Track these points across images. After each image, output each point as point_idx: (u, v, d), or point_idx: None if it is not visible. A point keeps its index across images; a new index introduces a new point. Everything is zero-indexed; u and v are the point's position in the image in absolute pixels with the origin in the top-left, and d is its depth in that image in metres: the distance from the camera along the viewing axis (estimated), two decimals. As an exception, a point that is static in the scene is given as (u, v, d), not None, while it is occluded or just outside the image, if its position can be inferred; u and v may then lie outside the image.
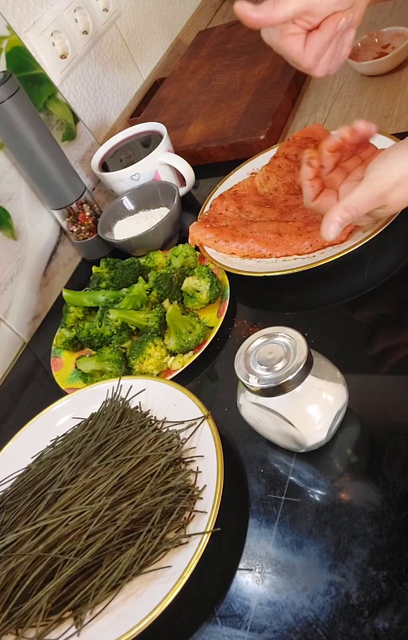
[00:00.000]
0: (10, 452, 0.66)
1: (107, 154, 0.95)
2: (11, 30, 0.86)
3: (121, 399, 0.64)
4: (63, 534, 0.51)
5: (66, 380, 0.73)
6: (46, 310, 0.91)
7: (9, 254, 0.85)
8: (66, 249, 0.95)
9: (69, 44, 0.95)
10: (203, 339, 0.67)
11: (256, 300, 0.71)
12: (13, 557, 0.51)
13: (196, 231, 0.77)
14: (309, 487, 0.51)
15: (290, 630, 0.44)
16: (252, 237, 0.73)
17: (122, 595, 0.49)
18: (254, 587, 0.47)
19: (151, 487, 0.53)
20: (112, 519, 0.51)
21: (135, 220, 0.87)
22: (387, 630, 0.41)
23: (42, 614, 0.49)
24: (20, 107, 0.77)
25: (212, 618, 0.47)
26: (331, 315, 0.64)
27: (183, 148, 0.95)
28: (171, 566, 0.48)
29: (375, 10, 1.05)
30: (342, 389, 0.51)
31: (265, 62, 1.03)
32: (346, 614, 0.43)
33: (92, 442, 0.60)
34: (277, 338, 0.49)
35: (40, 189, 0.85)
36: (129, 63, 1.13)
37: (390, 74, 0.89)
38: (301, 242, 0.69)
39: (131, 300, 0.73)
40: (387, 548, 0.45)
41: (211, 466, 0.53)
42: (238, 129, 0.92)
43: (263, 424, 0.52)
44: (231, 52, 1.12)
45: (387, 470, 0.49)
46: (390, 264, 0.65)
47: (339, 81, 0.95)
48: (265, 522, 0.51)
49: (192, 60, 1.17)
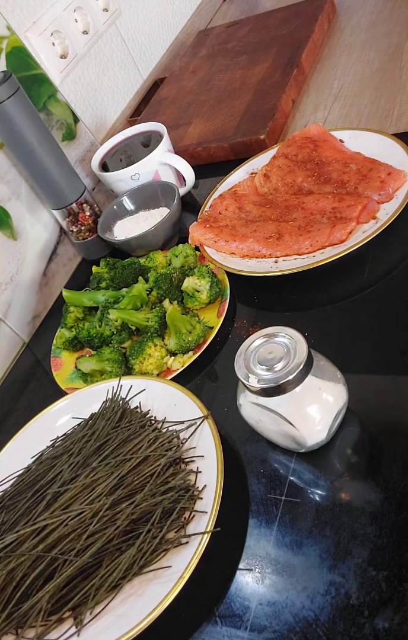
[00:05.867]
0: (10, 452, 0.66)
1: (107, 154, 0.95)
2: (11, 30, 0.86)
3: (121, 399, 0.64)
4: (63, 534, 0.51)
5: (66, 380, 0.73)
6: (46, 310, 0.91)
7: (9, 254, 0.85)
8: (66, 249, 0.95)
9: (69, 44, 0.95)
10: (203, 339, 0.67)
11: (256, 300, 0.71)
12: (13, 557, 0.51)
13: (196, 231, 0.77)
14: (309, 487, 0.51)
15: (290, 630, 0.44)
16: (252, 237, 0.73)
17: (122, 595, 0.49)
18: (254, 587, 0.47)
19: (151, 487, 0.53)
20: (112, 519, 0.51)
21: (135, 220, 0.87)
22: (387, 630, 0.41)
23: (42, 614, 0.49)
24: (20, 107, 0.77)
25: (212, 618, 0.47)
26: (331, 315, 0.64)
27: (183, 148, 0.95)
28: (171, 566, 0.48)
29: (375, 11, 1.05)
30: (342, 389, 0.51)
31: (265, 62, 1.03)
32: (346, 614, 0.43)
33: (92, 442, 0.60)
34: (277, 338, 0.49)
35: (41, 189, 0.85)
36: (129, 63, 1.13)
37: (390, 73, 0.89)
38: (301, 242, 0.69)
39: (131, 300, 0.73)
40: (387, 548, 0.45)
41: (211, 466, 0.53)
42: (238, 129, 0.92)
43: (263, 424, 0.51)
44: (231, 52, 1.12)
45: (387, 470, 0.49)
46: (390, 264, 0.65)
47: (339, 81, 0.95)
48: (265, 522, 0.50)
49: (192, 60, 1.17)
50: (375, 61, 0.94)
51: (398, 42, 0.94)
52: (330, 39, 1.06)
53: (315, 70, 1.01)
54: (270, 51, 1.05)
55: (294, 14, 1.11)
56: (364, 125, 0.84)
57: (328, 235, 0.68)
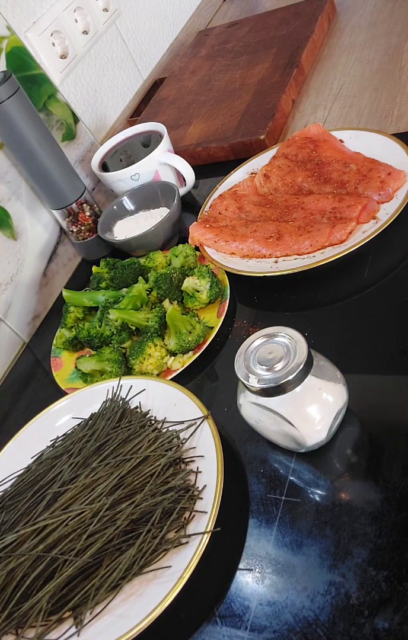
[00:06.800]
0: (10, 452, 0.66)
1: (107, 154, 0.95)
2: (11, 30, 0.86)
3: (121, 399, 0.64)
4: (63, 534, 0.51)
5: (66, 380, 0.73)
6: (46, 310, 0.91)
7: (9, 254, 0.85)
8: (66, 249, 0.95)
9: (69, 44, 0.95)
10: (203, 339, 0.67)
11: (256, 300, 0.71)
12: (13, 557, 0.51)
13: (196, 231, 0.77)
14: (309, 487, 0.51)
15: (290, 630, 0.44)
16: (252, 237, 0.73)
17: (122, 595, 0.49)
18: (254, 587, 0.47)
19: (151, 487, 0.53)
20: (112, 519, 0.51)
21: (135, 220, 0.87)
22: (387, 630, 0.41)
23: (42, 614, 0.49)
24: (20, 107, 0.77)
25: (212, 618, 0.47)
26: (331, 315, 0.64)
27: (183, 148, 0.95)
28: (171, 566, 0.48)
29: (375, 11, 1.05)
30: (342, 389, 0.51)
31: (265, 62, 1.03)
32: (346, 614, 0.43)
33: (92, 442, 0.60)
34: (277, 338, 0.49)
35: (41, 189, 0.85)
36: (129, 63, 1.13)
37: (390, 73, 0.89)
38: (301, 242, 0.69)
39: (131, 300, 0.73)
40: (387, 548, 0.45)
41: (211, 466, 0.53)
42: (238, 129, 0.92)
43: (263, 424, 0.51)
44: (231, 52, 1.12)
45: (387, 470, 0.49)
46: (390, 264, 0.65)
47: (339, 81, 0.95)
48: (265, 522, 0.50)
49: (192, 60, 1.17)
50: (375, 61, 0.94)
51: (398, 42, 0.94)
52: (330, 39, 1.06)
53: (314, 70, 1.01)
54: (269, 51, 1.05)
55: (294, 14, 1.11)
56: (364, 125, 0.84)
57: (328, 235, 0.68)
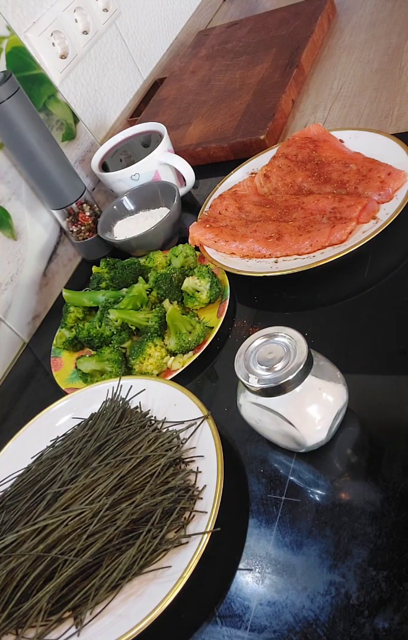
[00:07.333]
0: (10, 452, 0.66)
1: (107, 154, 0.95)
2: (11, 30, 0.86)
3: (121, 399, 0.64)
4: (63, 534, 0.51)
5: (66, 380, 0.73)
6: (46, 310, 0.91)
7: (9, 254, 0.85)
8: (66, 249, 0.95)
9: (69, 44, 0.95)
10: (203, 339, 0.67)
11: (256, 300, 0.71)
12: (13, 557, 0.51)
13: (196, 231, 0.77)
14: (309, 487, 0.51)
15: (290, 630, 0.44)
16: (252, 237, 0.73)
17: (122, 595, 0.49)
18: (254, 587, 0.47)
19: (151, 487, 0.53)
20: (112, 519, 0.51)
21: (135, 220, 0.87)
22: (387, 630, 0.41)
23: (42, 614, 0.49)
24: (20, 107, 0.77)
25: (212, 618, 0.47)
26: (331, 315, 0.64)
27: (183, 148, 0.95)
28: (171, 566, 0.48)
29: (375, 11, 1.05)
30: (342, 389, 0.51)
31: (265, 62, 1.03)
32: (346, 614, 0.43)
33: (92, 442, 0.60)
34: (277, 338, 0.49)
35: (41, 189, 0.85)
36: (129, 63, 1.13)
37: (390, 73, 0.89)
38: (301, 242, 0.69)
39: (131, 300, 0.73)
40: (387, 548, 0.45)
41: (211, 466, 0.53)
42: (238, 129, 0.92)
43: (263, 424, 0.51)
44: (231, 52, 1.12)
45: (387, 470, 0.49)
46: (390, 264, 0.65)
47: (339, 81, 0.95)
48: (265, 522, 0.50)
49: (192, 60, 1.17)
50: (375, 61, 0.94)
51: (398, 42, 0.94)
52: (330, 39, 1.06)
53: (314, 70, 1.01)
54: (269, 51, 1.05)
55: (294, 14, 1.11)
56: (364, 125, 0.84)
57: (328, 235, 0.68)
